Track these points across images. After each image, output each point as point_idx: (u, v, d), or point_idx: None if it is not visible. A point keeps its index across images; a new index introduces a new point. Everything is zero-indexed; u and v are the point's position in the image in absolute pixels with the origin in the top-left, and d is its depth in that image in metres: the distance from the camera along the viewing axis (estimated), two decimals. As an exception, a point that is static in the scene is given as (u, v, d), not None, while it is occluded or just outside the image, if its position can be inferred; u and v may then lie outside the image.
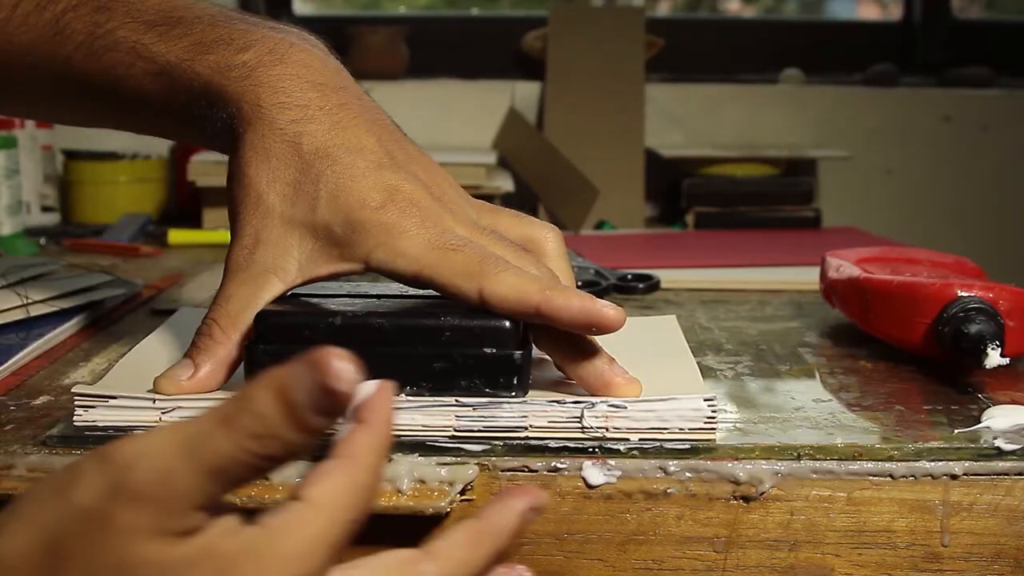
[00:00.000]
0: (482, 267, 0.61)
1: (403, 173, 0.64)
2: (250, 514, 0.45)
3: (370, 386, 0.47)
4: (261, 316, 0.62)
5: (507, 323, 0.60)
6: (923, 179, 1.83)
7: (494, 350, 0.60)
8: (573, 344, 0.62)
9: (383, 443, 0.47)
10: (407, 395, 0.61)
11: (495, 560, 0.50)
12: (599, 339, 0.63)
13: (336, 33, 1.82)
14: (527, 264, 0.63)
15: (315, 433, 0.43)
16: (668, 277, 1.06)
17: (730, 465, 0.59)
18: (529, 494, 0.51)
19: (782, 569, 0.59)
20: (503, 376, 0.61)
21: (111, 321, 0.90)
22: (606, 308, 0.59)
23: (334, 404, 0.43)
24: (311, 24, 1.95)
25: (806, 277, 1.05)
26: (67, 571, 0.43)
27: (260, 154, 0.64)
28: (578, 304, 0.60)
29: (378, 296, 0.65)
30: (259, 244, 0.63)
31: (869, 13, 2.35)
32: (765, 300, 1.01)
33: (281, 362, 0.60)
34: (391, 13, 2.26)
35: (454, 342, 0.60)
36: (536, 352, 0.64)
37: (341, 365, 0.42)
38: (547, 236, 0.68)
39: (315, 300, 0.64)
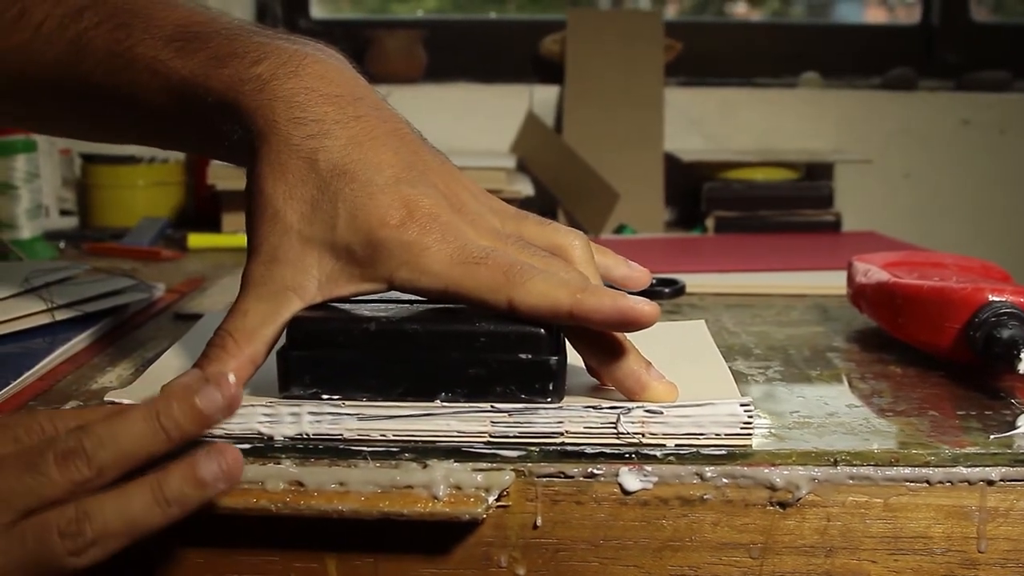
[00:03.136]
0: (508, 277, 0.60)
1: (421, 187, 0.63)
2: None
3: None
4: (295, 322, 0.62)
5: (542, 329, 0.60)
6: (942, 183, 1.82)
7: (529, 356, 0.60)
8: (608, 347, 0.62)
9: None
10: (442, 401, 0.60)
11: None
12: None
13: (354, 37, 1.83)
14: (555, 267, 0.63)
15: None
16: (691, 281, 1.06)
17: (767, 471, 0.58)
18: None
19: (818, 575, 0.59)
20: (539, 382, 0.60)
21: (134, 326, 0.90)
22: (639, 303, 0.59)
23: None
24: (329, 28, 1.97)
25: (830, 281, 1.04)
26: None
27: (276, 170, 0.63)
28: (610, 303, 0.59)
29: (411, 301, 0.65)
30: (277, 261, 0.63)
31: (876, 16, 2.35)
32: (790, 305, 1.01)
33: (315, 368, 0.61)
34: (409, 17, 2.26)
35: (489, 348, 0.60)
36: (570, 359, 0.64)
37: None
38: (574, 243, 0.68)
39: (347, 305, 0.64)
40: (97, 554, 0.52)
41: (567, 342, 0.64)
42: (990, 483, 0.59)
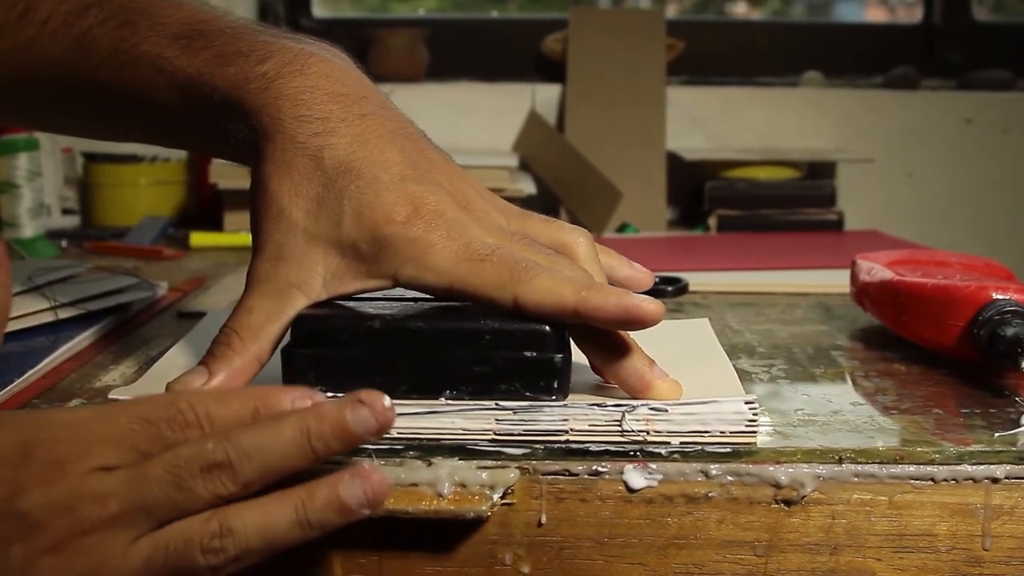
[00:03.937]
0: (513, 274, 0.60)
1: (427, 184, 0.63)
2: None
3: None
4: (300, 320, 0.62)
5: (547, 327, 0.60)
6: (944, 182, 1.82)
7: (534, 354, 0.60)
8: (612, 345, 0.62)
9: None
10: (446, 399, 0.60)
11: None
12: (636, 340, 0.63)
13: (355, 36, 1.83)
14: (560, 265, 0.63)
15: None
16: (694, 280, 1.06)
17: (771, 468, 0.58)
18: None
19: (823, 573, 0.59)
20: (543, 380, 0.60)
21: (137, 324, 0.90)
22: (644, 302, 0.59)
23: None
24: (331, 27, 1.97)
25: (833, 280, 1.04)
26: None
27: (282, 168, 0.63)
28: (615, 301, 0.59)
29: (416, 299, 0.65)
30: (282, 259, 0.63)
31: (876, 16, 2.35)
32: (793, 303, 1.01)
33: (320, 366, 0.61)
34: (411, 15, 2.26)
35: (494, 346, 0.60)
36: (575, 357, 0.63)
37: None
38: (578, 240, 0.68)
39: (352, 303, 0.64)
40: (234, 569, 0.50)
41: (571, 340, 0.64)
42: (995, 481, 0.59)
